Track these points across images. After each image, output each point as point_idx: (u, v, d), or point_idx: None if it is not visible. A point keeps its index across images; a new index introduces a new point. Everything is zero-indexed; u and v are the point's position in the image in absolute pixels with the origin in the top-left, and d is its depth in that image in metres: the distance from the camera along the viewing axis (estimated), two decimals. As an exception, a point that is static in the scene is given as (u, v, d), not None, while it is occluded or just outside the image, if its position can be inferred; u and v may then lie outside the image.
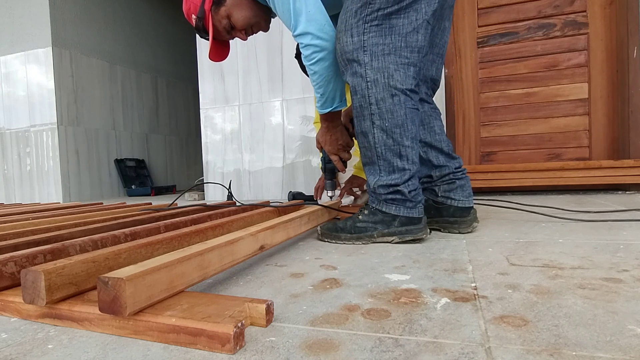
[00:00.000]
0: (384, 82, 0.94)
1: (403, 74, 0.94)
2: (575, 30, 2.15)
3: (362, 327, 0.48)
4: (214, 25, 1.16)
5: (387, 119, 0.95)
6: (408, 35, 0.93)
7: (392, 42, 0.93)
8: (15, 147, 3.29)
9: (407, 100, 0.95)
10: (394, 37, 0.93)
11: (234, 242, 0.69)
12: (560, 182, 1.96)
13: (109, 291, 0.45)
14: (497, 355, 0.40)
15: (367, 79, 0.95)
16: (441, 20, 1.07)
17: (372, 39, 0.94)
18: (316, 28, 1.00)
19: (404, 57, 0.94)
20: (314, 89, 1.08)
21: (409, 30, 0.93)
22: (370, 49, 0.94)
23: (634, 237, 0.93)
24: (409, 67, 0.94)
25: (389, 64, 0.93)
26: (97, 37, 3.51)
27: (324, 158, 1.29)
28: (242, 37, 1.20)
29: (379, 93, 0.94)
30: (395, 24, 0.93)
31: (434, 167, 1.11)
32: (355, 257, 0.84)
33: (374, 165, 0.99)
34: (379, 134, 0.96)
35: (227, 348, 0.43)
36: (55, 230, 0.98)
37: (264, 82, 2.55)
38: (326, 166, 1.29)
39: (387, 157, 0.96)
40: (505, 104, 2.28)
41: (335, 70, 1.04)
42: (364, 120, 0.98)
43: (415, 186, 0.98)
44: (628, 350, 0.40)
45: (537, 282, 0.62)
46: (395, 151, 0.96)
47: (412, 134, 0.97)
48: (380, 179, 0.98)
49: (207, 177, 2.72)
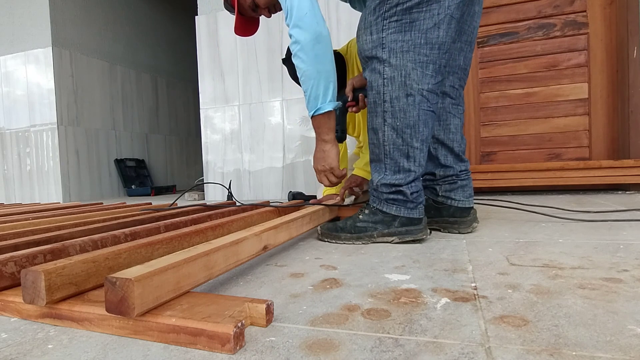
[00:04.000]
0: (400, 81, 0.92)
1: (420, 72, 0.92)
2: (575, 30, 2.14)
3: (362, 327, 0.48)
4: (239, 1, 1.22)
5: (399, 118, 0.94)
6: (428, 32, 0.90)
7: (412, 38, 0.91)
8: (15, 147, 3.29)
9: (423, 101, 0.93)
10: (413, 33, 0.91)
11: (238, 242, 0.69)
12: (560, 182, 1.96)
13: (116, 291, 0.45)
14: (497, 355, 0.40)
15: (384, 76, 0.93)
16: (471, 5, 1.00)
17: (391, 35, 0.91)
18: (296, 17, 0.95)
19: (423, 55, 0.91)
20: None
21: (429, 26, 0.90)
22: (389, 46, 0.92)
23: (634, 237, 0.93)
24: (427, 65, 0.92)
25: (407, 62, 0.91)
26: (97, 37, 3.51)
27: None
28: (267, 14, 1.23)
29: (394, 91, 0.93)
30: (417, 18, 0.90)
31: (439, 166, 1.10)
32: (355, 257, 0.84)
33: (380, 163, 0.99)
34: (389, 132, 0.95)
35: (227, 348, 0.43)
36: (55, 230, 0.98)
37: (263, 81, 2.55)
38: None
39: (395, 156, 0.96)
40: (505, 104, 2.28)
41: (316, 66, 0.98)
42: (376, 116, 0.97)
43: (418, 188, 0.98)
44: (628, 350, 0.40)
45: (537, 282, 0.62)
46: (403, 151, 0.95)
47: (423, 136, 0.95)
48: (384, 177, 0.97)
49: (207, 177, 2.72)
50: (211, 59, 2.66)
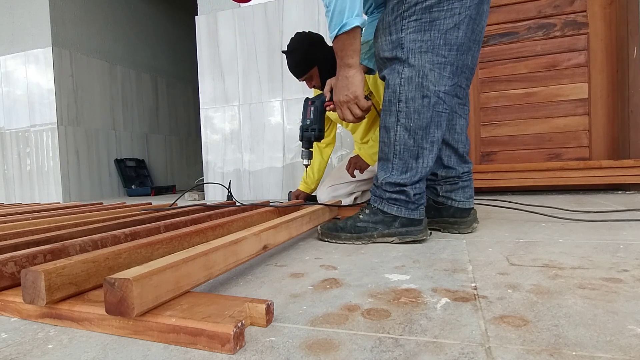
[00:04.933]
0: (417, 82, 0.91)
1: (438, 74, 0.91)
2: (575, 30, 2.14)
3: (362, 327, 0.48)
4: None
5: (412, 119, 0.93)
6: (448, 32, 0.89)
7: (431, 39, 0.90)
8: (15, 147, 3.29)
9: (438, 103, 0.92)
10: (433, 33, 0.89)
11: (237, 242, 0.69)
12: (560, 182, 1.96)
13: (115, 292, 0.45)
14: (497, 355, 0.40)
15: (402, 76, 0.92)
16: (481, 4, 0.97)
17: (410, 35, 0.90)
18: None
19: (441, 56, 0.90)
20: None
21: (449, 27, 0.89)
22: (408, 46, 0.91)
23: (634, 237, 0.93)
24: (445, 66, 0.91)
25: (425, 62, 0.90)
26: (97, 37, 3.51)
27: (302, 127, 1.23)
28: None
29: (410, 92, 0.92)
30: (437, 17, 0.89)
31: (442, 167, 1.09)
32: (355, 257, 0.84)
33: (388, 162, 0.98)
34: (401, 132, 0.95)
35: (227, 348, 0.42)
36: (55, 230, 0.98)
37: (263, 82, 2.55)
38: (304, 134, 1.23)
39: (404, 157, 0.95)
40: (505, 104, 2.28)
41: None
42: (390, 115, 0.96)
43: (421, 189, 0.98)
44: (628, 350, 0.40)
45: (537, 282, 0.62)
46: (413, 153, 0.95)
47: (434, 138, 0.95)
48: (390, 176, 0.97)
49: (207, 177, 2.72)
50: (211, 59, 2.66)
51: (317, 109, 1.22)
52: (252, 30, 2.55)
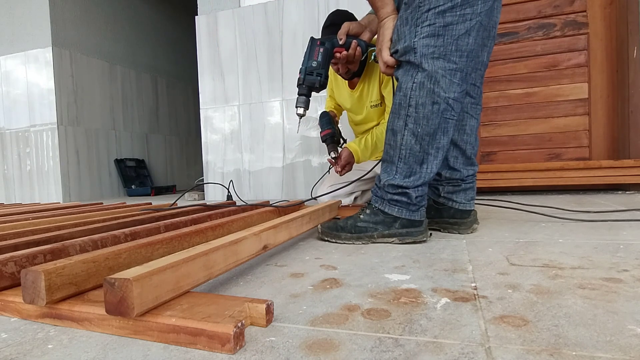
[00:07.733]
0: (429, 88, 0.91)
1: (449, 81, 0.91)
2: (575, 30, 2.14)
3: (362, 327, 0.48)
4: None
5: (421, 125, 0.93)
6: (460, 39, 0.90)
7: (444, 44, 0.90)
8: (15, 147, 3.29)
9: (447, 110, 0.92)
10: (445, 39, 0.90)
11: (237, 241, 0.69)
12: (560, 182, 1.96)
13: (115, 292, 0.45)
14: (497, 355, 0.40)
15: (414, 80, 0.93)
16: (491, 10, 0.97)
17: (423, 40, 0.90)
18: None
19: (452, 62, 0.91)
20: None
21: (461, 33, 0.90)
22: (421, 51, 0.91)
23: (634, 237, 0.93)
24: (455, 73, 0.91)
25: (437, 68, 0.90)
26: (97, 37, 3.51)
27: (305, 69, 1.12)
28: None
29: (421, 97, 0.92)
30: (450, 22, 0.89)
31: (447, 168, 1.09)
32: (355, 257, 0.84)
33: (392, 165, 0.98)
34: (408, 136, 0.95)
35: (227, 348, 0.42)
36: (55, 230, 0.98)
37: (263, 81, 2.55)
38: (306, 78, 1.12)
39: (409, 161, 0.96)
40: (505, 103, 2.28)
41: None
42: (398, 119, 0.96)
43: (423, 192, 0.98)
44: (628, 350, 0.40)
45: (537, 282, 0.62)
46: (418, 158, 0.95)
47: (440, 144, 0.95)
48: (393, 179, 0.97)
49: (207, 177, 2.72)
50: (211, 59, 2.66)
51: (327, 51, 1.09)
52: (252, 30, 2.55)
